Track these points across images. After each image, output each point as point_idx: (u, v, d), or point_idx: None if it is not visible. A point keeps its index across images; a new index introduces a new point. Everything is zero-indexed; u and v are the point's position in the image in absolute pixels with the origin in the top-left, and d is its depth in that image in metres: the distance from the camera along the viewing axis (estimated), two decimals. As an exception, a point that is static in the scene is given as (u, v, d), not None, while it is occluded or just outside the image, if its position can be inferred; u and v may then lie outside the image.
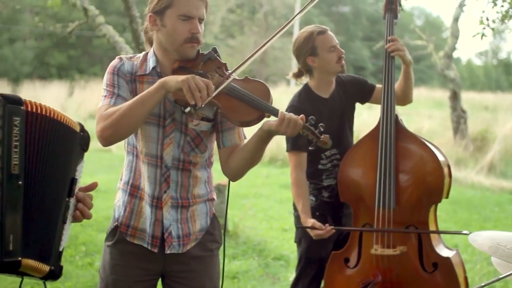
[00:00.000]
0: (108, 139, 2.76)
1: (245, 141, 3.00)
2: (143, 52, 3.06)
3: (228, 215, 8.20)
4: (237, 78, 2.90)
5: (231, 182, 3.05)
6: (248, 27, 37.65)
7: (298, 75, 4.15)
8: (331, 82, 4.08)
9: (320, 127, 2.83)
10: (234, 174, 2.99)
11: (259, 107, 2.82)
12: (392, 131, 3.86)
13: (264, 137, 2.82)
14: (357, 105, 4.22)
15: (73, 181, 2.31)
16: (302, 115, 2.78)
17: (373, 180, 3.86)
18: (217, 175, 3.31)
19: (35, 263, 2.15)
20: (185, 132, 2.94)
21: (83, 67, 34.37)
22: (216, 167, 3.03)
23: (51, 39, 33.11)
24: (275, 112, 2.79)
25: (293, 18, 3.07)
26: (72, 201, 2.31)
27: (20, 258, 2.08)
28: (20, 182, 2.09)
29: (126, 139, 2.99)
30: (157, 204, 2.96)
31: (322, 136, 2.83)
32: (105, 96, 2.88)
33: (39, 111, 2.18)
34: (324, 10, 45.02)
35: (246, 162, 2.93)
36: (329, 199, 4.06)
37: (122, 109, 2.73)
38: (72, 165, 2.32)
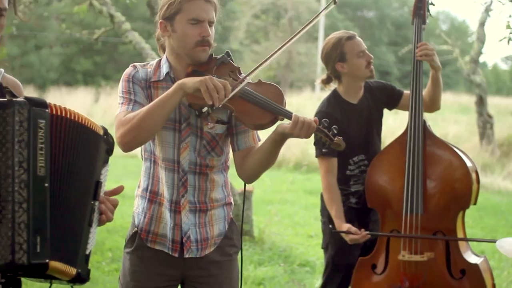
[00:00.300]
0: (128, 144, 2.78)
1: (260, 143, 3.01)
2: (156, 59, 3.08)
3: (253, 221, 8.18)
4: (251, 81, 2.91)
5: (256, 188, 3.05)
6: (273, 32, 37.65)
7: (326, 81, 4.14)
8: (359, 88, 4.06)
9: (334, 129, 2.82)
10: (249, 176, 3.01)
11: (273, 110, 2.82)
12: (420, 137, 3.83)
13: (278, 140, 2.84)
14: (384, 110, 4.19)
15: (98, 184, 2.31)
16: (315, 118, 2.79)
17: (401, 186, 3.84)
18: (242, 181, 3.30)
19: (62, 266, 2.14)
20: (200, 136, 2.95)
21: (109, 74, 34.48)
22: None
23: (77, 45, 33.30)
24: (288, 115, 2.79)
25: (308, 23, 3.02)
26: (97, 204, 2.32)
27: (47, 261, 2.08)
28: (46, 184, 2.09)
29: (143, 146, 3.01)
30: (175, 208, 2.97)
31: (335, 138, 2.82)
32: (122, 103, 2.90)
33: (63, 114, 2.19)
34: (349, 15, 44.95)
35: (261, 165, 2.95)
36: (357, 205, 4.04)
37: (141, 114, 2.74)
38: (97, 168, 2.32)
